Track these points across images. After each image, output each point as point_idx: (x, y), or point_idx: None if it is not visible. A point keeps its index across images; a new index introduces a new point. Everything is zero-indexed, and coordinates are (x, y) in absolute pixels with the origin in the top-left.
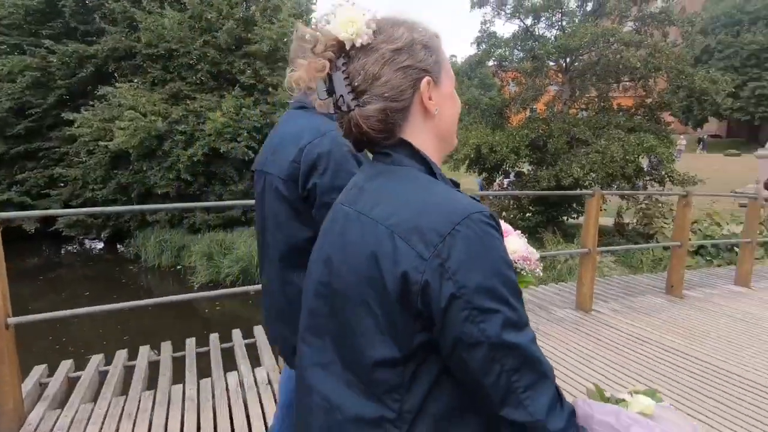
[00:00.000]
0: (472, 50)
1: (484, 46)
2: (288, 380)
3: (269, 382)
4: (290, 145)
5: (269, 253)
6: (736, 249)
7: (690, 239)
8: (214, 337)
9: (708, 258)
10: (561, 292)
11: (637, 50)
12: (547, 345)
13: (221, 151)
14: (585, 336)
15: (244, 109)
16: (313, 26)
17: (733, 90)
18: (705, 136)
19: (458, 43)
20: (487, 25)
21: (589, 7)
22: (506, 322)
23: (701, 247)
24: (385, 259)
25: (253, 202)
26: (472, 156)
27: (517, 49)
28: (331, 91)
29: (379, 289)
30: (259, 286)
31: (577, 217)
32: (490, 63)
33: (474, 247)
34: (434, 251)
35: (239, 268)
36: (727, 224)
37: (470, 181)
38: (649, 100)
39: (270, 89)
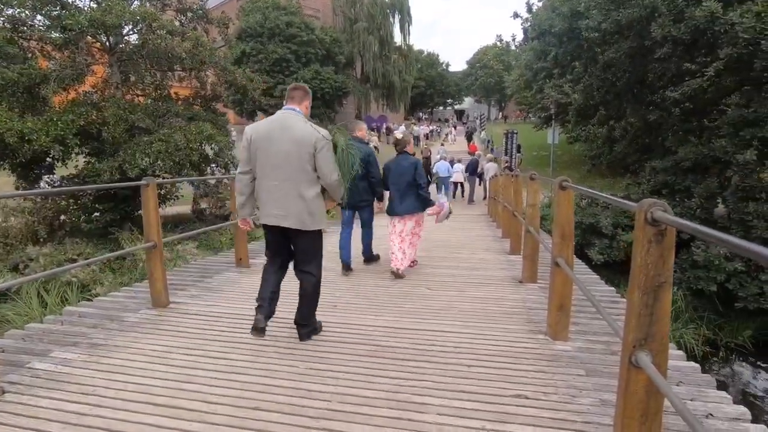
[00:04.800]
0: None
1: None
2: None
3: None
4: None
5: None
6: None
7: None
8: None
9: None
10: (136, 294)
11: (182, 41)
12: (119, 357)
13: None
14: (164, 332)
15: None
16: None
17: (265, 88)
18: None
19: None
20: None
21: None
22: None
23: None
24: (411, 165)
25: None
26: None
27: (40, 14)
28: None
29: (411, 168)
30: None
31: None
32: None
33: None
34: (414, 161)
35: None
36: None
37: None
38: (203, 92)
39: None
